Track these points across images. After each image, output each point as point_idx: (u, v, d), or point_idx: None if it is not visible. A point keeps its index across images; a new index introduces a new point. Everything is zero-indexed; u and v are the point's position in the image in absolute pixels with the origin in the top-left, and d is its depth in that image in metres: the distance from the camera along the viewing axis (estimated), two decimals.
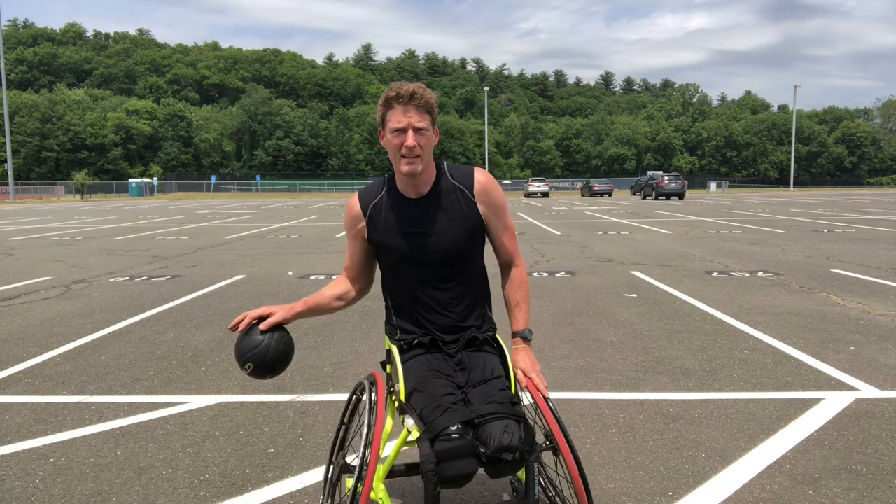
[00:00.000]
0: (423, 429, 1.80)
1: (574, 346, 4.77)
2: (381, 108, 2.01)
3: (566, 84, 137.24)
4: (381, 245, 2.12)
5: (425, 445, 1.75)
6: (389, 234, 2.09)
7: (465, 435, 1.76)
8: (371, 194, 2.15)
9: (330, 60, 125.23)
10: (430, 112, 1.99)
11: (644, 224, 17.52)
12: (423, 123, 1.97)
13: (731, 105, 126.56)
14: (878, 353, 4.50)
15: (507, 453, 1.74)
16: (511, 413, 1.82)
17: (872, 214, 20.84)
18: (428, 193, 2.08)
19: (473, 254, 2.14)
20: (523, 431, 1.80)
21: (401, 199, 2.09)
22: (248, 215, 24.34)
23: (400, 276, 2.13)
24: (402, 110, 1.96)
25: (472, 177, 2.11)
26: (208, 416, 3.44)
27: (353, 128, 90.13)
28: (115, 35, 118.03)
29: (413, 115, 1.95)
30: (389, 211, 2.09)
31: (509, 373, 2.04)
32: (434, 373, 1.99)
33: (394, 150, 1.99)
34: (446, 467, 1.72)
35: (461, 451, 1.74)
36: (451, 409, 1.82)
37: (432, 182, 2.09)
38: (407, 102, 1.95)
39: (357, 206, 2.15)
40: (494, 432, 1.75)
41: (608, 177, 76.64)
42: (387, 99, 1.98)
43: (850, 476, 2.69)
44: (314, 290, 7.33)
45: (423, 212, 2.07)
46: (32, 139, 72.54)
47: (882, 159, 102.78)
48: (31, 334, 5.32)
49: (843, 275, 8.03)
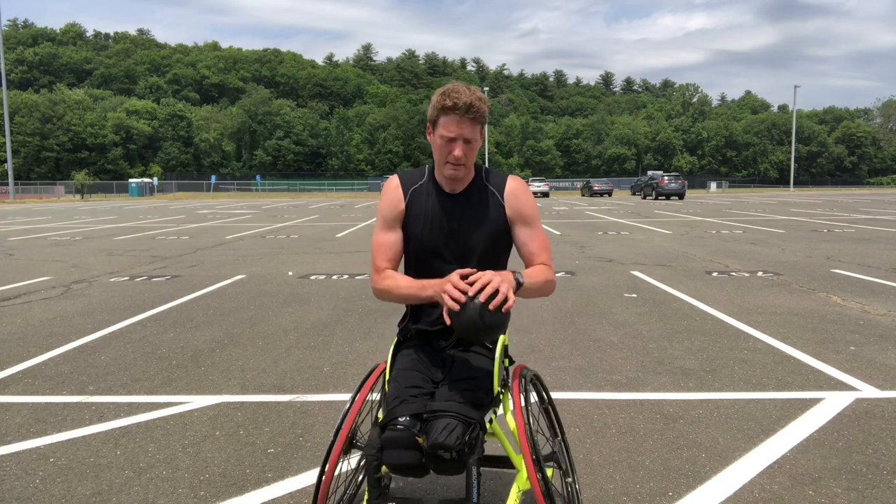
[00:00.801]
0: (384, 416, 1.89)
1: (574, 346, 4.77)
2: (434, 110, 2.01)
3: (566, 84, 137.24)
4: (411, 231, 2.12)
5: (374, 432, 1.84)
6: (419, 221, 2.11)
7: (411, 427, 1.81)
8: (413, 180, 2.16)
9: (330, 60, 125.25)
10: (482, 123, 2.03)
11: (644, 224, 17.53)
12: (474, 135, 2.01)
13: (731, 105, 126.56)
14: (878, 353, 4.50)
15: (442, 451, 1.75)
16: (462, 413, 1.80)
17: (872, 214, 20.84)
18: (463, 191, 2.13)
19: (493, 257, 2.14)
20: (469, 433, 1.78)
21: (438, 191, 2.13)
22: (248, 215, 24.34)
23: (419, 269, 2.14)
24: (457, 121, 1.97)
25: (506, 181, 2.15)
26: (208, 416, 3.44)
27: (353, 128, 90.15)
28: (115, 35, 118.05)
29: (466, 128, 1.98)
30: (426, 199, 2.12)
31: (494, 373, 2.02)
32: (413, 364, 2.04)
33: (441, 152, 2.03)
34: (387, 455, 1.79)
35: (402, 442, 1.79)
36: (407, 402, 1.87)
37: (469, 181, 2.13)
38: (463, 114, 1.96)
39: (399, 186, 2.14)
40: (436, 428, 1.77)
41: (608, 177, 76.66)
42: (444, 107, 1.97)
43: (850, 476, 2.69)
44: (314, 289, 7.34)
45: (454, 206, 2.11)
46: (32, 139, 72.56)
47: (882, 159, 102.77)
48: (31, 334, 5.32)
49: (843, 275, 8.03)
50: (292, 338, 5.12)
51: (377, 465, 1.81)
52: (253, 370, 4.26)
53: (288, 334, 5.24)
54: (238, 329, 5.43)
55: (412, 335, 2.18)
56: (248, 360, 4.51)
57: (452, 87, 2.00)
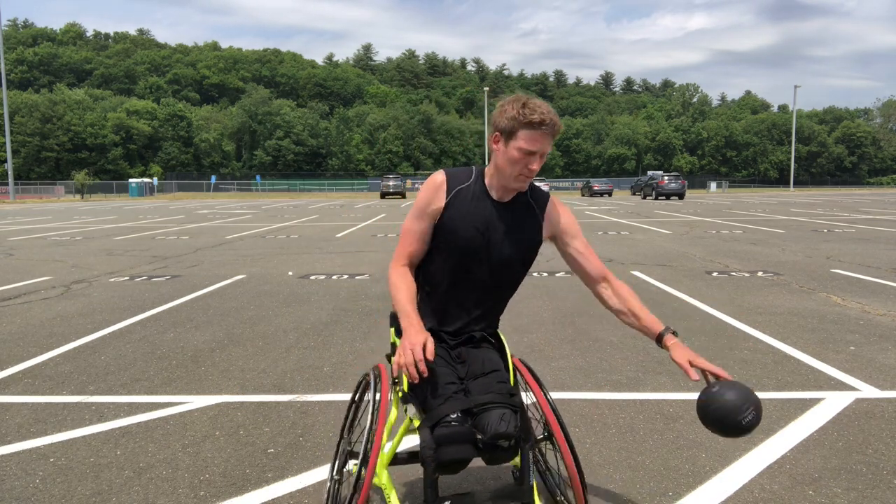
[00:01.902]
0: (425, 417, 1.88)
1: (574, 346, 4.77)
2: (514, 122, 1.97)
3: (566, 84, 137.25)
4: (450, 229, 2.09)
5: (426, 432, 1.84)
6: (463, 221, 2.09)
7: (463, 422, 1.84)
8: (460, 179, 2.14)
9: (330, 60, 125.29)
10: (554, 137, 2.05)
11: (644, 224, 17.53)
12: (549, 149, 2.05)
13: (731, 105, 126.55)
14: (878, 353, 4.50)
15: (503, 440, 1.82)
16: (508, 403, 1.90)
17: (872, 214, 20.84)
18: (509, 202, 2.15)
19: (522, 271, 2.21)
20: (519, 420, 1.88)
21: (485, 195, 2.13)
22: (248, 215, 24.34)
23: (449, 267, 2.12)
24: (541, 136, 1.98)
25: (548, 199, 2.21)
26: (208, 416, 3.44)
27: (353, 128, 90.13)
28: (115, 35, 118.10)
29: (547, 144, 2.01)
30: (470, 201, 2.11)
31: (508, 366, 2.12)
32: (439, 361, 2.02)
33: (515, 163, 2.01)
34: (444, 452, 1.80)
35: (459, 437, 1.81)
36: (452, 398, 1.90)
37: (516, 193, 2.15)
38: (548, 130, 1.98)
39: (444, 182, 2.12)
40: (492, 420, 1.83)
41: (608, 177, 76.65)
42: (530, 121, 1.95)
43: (850, 476, 2.69)
44: (314, 289, 7.34)
45: (499, 215, 2.12)
46: (32, 139, 72.57)
47: (882, 159, 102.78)
48: (31, 334, 5.32)
49: (843, 275, 8.03)
50: (292, 338, 5.12)
51: (435, 465, 1.80)
52: (253, 370, 4.26)
53: (288, 334, 5.24)
54: (238, 329, 5.44)
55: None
56: (248, 360, 4.51)
57: (534, 102, 1.99)
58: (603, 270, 2.22)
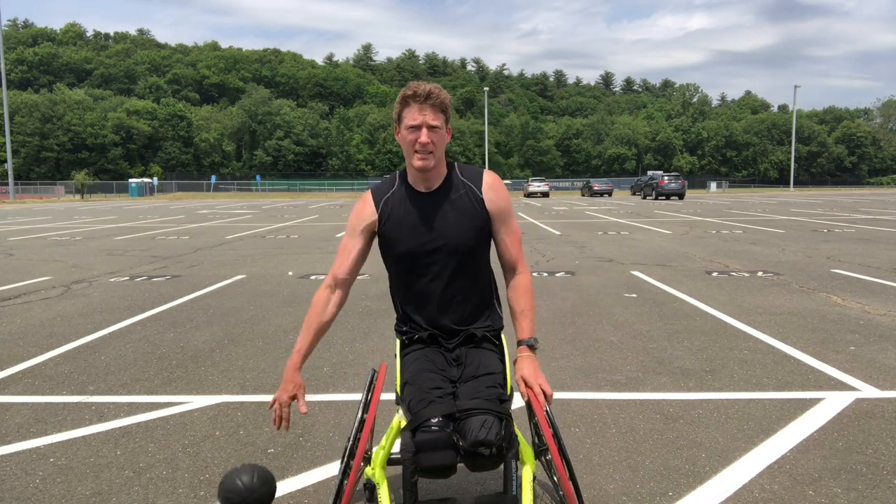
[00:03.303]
0: (409, 420, 1.88)
1: (574, 346, 4.76)
2: (397, 106, 2.09)
3: (566, 84, 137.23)
4: (391, 237, 2.14)
5: (406, 435, 1.83)
6: (399, 226, 2.13)
7: (444, 427, 1.82)
8: (384, 189, 2.20)
9: (330, 60, 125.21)
10: (444, 112, 2.06)
11: (644, 224, 17.53)
12: (437, 122, 2.04)
13: (731, 105, 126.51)
14: (878, 353, 4.50)
15: (483, 448, 1.78)
16: (494, 409, 1.85)
17: (872, 214, 20.84)
18: (438, 188, 2.15)
19: (479, 251, 2.18)
20: (504, 429, 1.83)
21: (412, 193, 2.15)
22: (248, 215, 24.34)
23: (406, 270, 2.16)
24: (419, 108, 2.03)
25: (481, 176, 2.19)
26: (208, 416, 3.44)
27: (353, 128, 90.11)
28: (115, 35, 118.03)
29: (428, 114, 2.03)
30: (401, 204, 2.14)
31: (506, 370, 2.08)
32: (427, 366, 2.05)
33: (408, 145, 2.06)
34: (424, 458, 1.79)
35: (439, 443, 1.79)
36: (436, 402, 1.88)
37: (443, 178, 2.15)
38: (423, 101, 2.02)
39: (370, 200, 2.19)
40: (473, 426, 1.80)
41: (608, 177, 76.61)
42: (404, 97, 2.06)
43: (850, 476, 2.69)
44: (314, 290, 7.30)
45: (433, 205, 2.13)
46: (32, 139, 72.54)
47: (882, 159, 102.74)
48: (31, 334, 5.32)
49: (843, 275, 8.02)
50: (292, 338, 5.12)
51: (413, 469, 1.80)
52: (253, 370, 4.26)
53: (288, 334, 5.24)
54: (238, 329, 5.43)
55: (420, 338, 2.17)
56: (248, 360, 4.51)
57: (411, 82, 2.08)
58: (516, 261, 2.21)
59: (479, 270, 2.19)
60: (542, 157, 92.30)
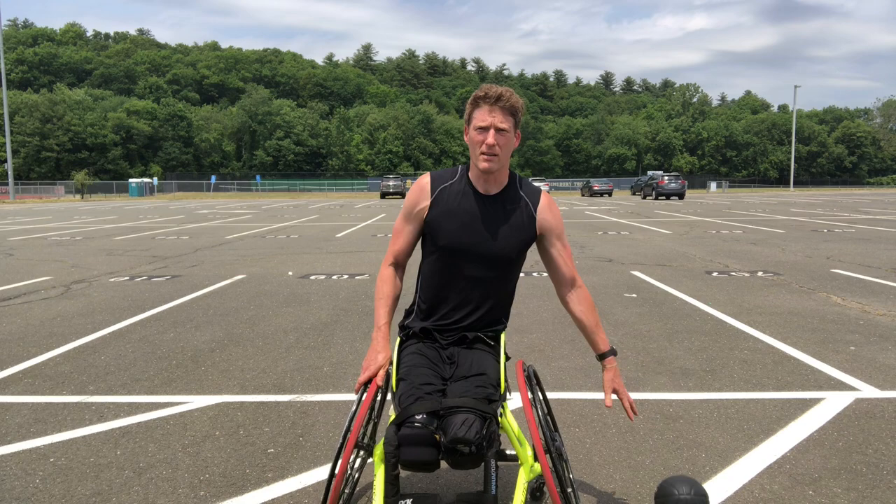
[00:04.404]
0: (397, 414, 1.93)
1: (574, 346, 4.76)
2: (469, 106, 2.11)
3: (566, 84, 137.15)
4: (437, 227, 2.15)
5: (391, 429, 1.88)
6: (449, 218, 2.14)
7: (428, 424, 1.86)
8: (444, 178, 2.20)
9: (330, 60, 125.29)
10: (513, 115, 2.07)
11: (644, 224, 17.53)
12: (506, 125, 2.05)
13: (731, 105, 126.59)
14: (878, 353, 4.50)
15: (462, 445, 1.81)
16: (478, 408, 1.88)
17: (872, 214, 20.84)
18: (497, 194, 2.16)
19: (516, 264, 2.22)
20: (486, 428, 1.85)
21: (471, 191, 2.16)
22: (248, 215, 24.34)
23: (442, 264, 2.17)
24: (489, 110, 2.04)
25: (540, 194, 2.22)
26: (208, 416, 3.44)
27: (353, 128, 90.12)
28: (115, 35, 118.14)
29: (497, 116, 2.04)
30: (456, 198, 2.15)
31: (500, 372, 2.11)
32: (422, 362, 2.09)
33: (475, 146, 2.08)
34: (405, 452, 1.84)
35: (420, 439, 1.83)
36: (423, 399, 1.92)
37: (504, 186, 2.17)
38: (493, 103, 2.04)
39: (427, 183, 2.19)
40: (454, 424, 1.83)
41: (608, 177, 76.60)
42: (475, 98, 2.08)
43: (850, 476, 2.69)
44: (314, 290, 7.34)
45: (488, 209, 2.14)
46: (32, 139, 72.54)
47: (882, 159, 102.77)
48: (31, 334, 5.32)
49: (843, 275, 8.02)
50: (292, 338, 5.12)
51: (395, 462, 1.85)
52: (253, 370, 4.26)
53: (288, 334, 5.24)
54: (238, 329, 5.43)
55: (415, 333, 2.22)
56: (248, 360, 4.51)
57: (485, 86, 2.09)
58: (574, 276, 2.28)
59: (508, 282, 2.24)
60: (542, 157, 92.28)
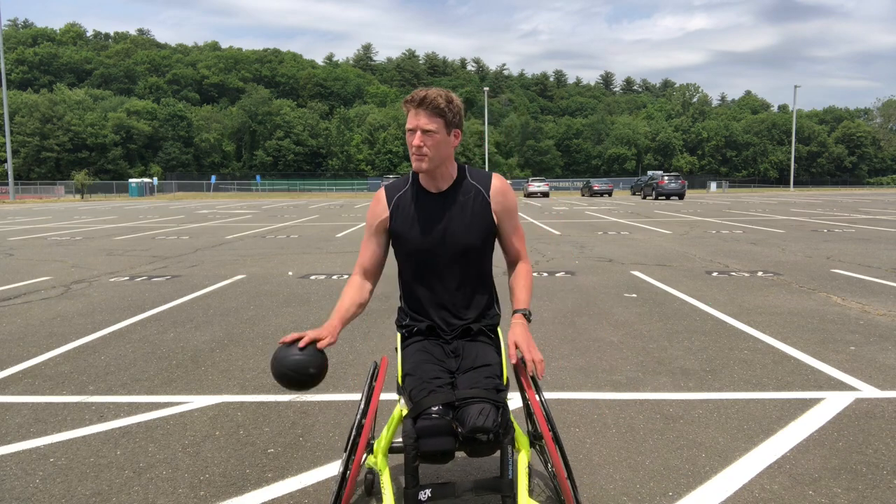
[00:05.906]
0: (411, 408, 1.97)
1: (574, 346, 4.76)
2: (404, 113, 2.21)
3: (566, 84, 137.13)
4: (400, 235, 2.25)
5: (408, 423, 1.93)
6: (409, 224, 2.24)
7: (444, 415, 1.91)
8: (398, 186, 2.32)
9: (330, 60, 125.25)
10: (441, 115, 2.13)
11: (644, 224, 17.52)
12: (432, 126, 2.12)
13: (731, 105, 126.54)
14: (878, 353, 4.50)
15: (481, 434, 1.87)
16: (491, 398, 1.95)
17: (872, 214, 20.84)
18: (447, 189, 2.25)
19: (484, 251, 2.30)
20: (500, 416, 1.93)
21: (422, 193, 2.26)
22: (248, 215, 24.34)
23: (413, 267, 2.28)
24: (414, 113, 2.14)
25: (490, 179, 2.29)
26: (208, 416, 3.44)
27: (353, 128, 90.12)
28: (115, 35, 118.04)
29: (422, 118, 2.12)
30: (411, 203, 2.26)
31: (502, 363, 2.19)
32: (427, 357, 2.15)
33: (410, 147, 2.17)
34: (424, 443, 1.88)
35: (439, 430, 1.89)
36: (436, 391, 1.98)
37: (453, 180, 2.26)
38: (417, 106, 2.12)
39: (383, 198, 2.30)
40: (471, 414, 1.89)
41: (608, 177, 76.59)
42: (404, 102, 2.18)
43: (850, 476, 2.69)
44: (314, 290, 7.34)
45: (442, 206, 2.23)
46: (32, 139, 72.55)
47: (882, 159, 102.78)
48: (31, 334, 5.32)
49: (843, 275, 8.02)
50: None
51: (414, 454, 1.89)
52: (253, 370, 4.26)
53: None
54: (238, 329, 5.43)
55: (419, 330, 2.28)
56: (248, 360, 4.51)
57: (416, 90, 2.20)
58: (521, 254, 2.37)
59: (481, 270, 2.31)
60: (542, 157, 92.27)
